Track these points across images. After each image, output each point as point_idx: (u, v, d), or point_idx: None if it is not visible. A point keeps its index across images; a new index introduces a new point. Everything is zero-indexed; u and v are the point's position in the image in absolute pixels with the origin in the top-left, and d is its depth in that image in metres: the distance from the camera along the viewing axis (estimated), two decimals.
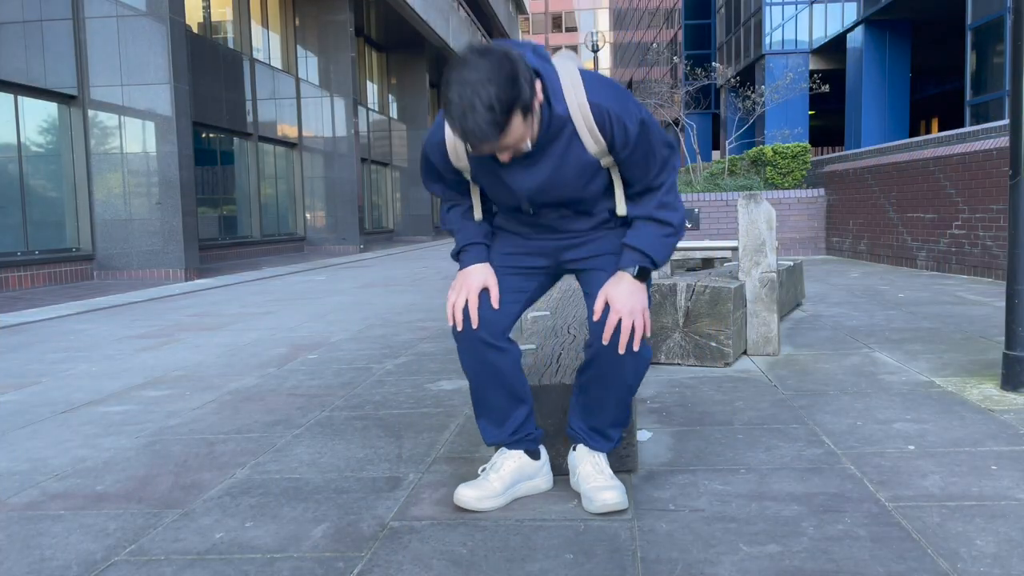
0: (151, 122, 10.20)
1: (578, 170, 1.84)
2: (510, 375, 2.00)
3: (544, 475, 2.12)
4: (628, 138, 1.79)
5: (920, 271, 8.46)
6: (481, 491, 1.99)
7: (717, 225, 11.08)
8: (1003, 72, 15.62)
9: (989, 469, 2.20)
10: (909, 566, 1.64)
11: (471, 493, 1.98)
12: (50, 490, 2.27)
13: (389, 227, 23.74)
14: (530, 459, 2.08)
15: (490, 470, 2.04)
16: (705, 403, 3.01)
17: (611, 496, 1.94)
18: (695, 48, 36.25)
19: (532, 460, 2.08)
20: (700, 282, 3.73)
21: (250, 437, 2.74)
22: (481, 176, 1.91)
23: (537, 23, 72.66)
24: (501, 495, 2.01)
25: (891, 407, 2.89)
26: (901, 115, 22.53)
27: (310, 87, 17.32)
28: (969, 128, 10.27)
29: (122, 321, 6.04)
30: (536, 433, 2.11)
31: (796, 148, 12.12)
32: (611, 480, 2.00)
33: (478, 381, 2.02)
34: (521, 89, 1.61)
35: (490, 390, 2.02)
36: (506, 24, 35.17)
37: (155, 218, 10.32)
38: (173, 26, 10.11)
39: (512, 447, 2.07)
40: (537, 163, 1.82)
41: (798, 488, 2.10)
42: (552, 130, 1.78)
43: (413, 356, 4.21)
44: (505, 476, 2.03)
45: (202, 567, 1.73)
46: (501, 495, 2.01)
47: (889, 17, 21.60)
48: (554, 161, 1.82)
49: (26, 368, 4.22)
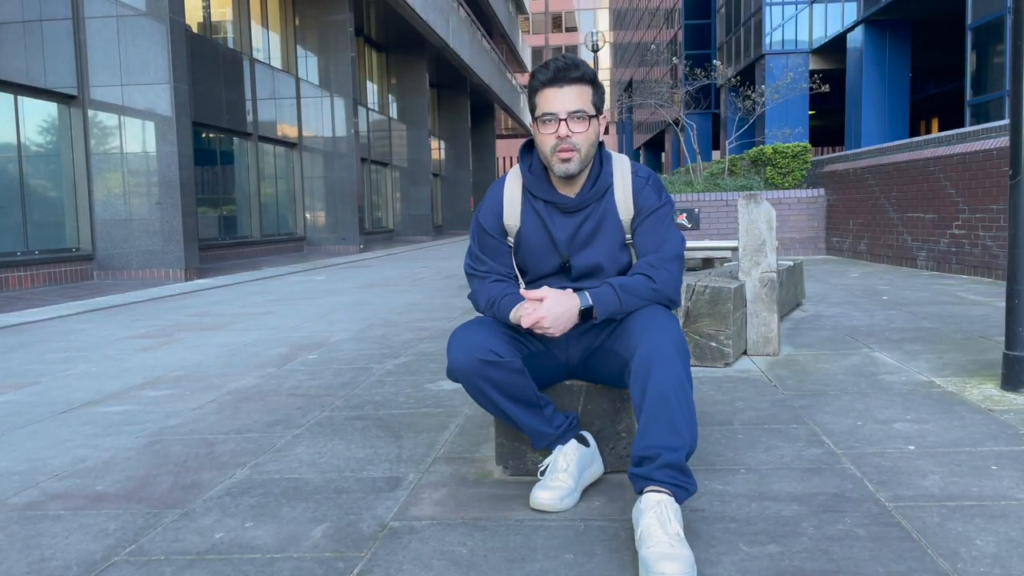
0: (151, 122, 10.19)
1: (611, 233, 2.07)
2: (517, 385, 1.98)
3: (598, 460, 2.14)
4: (653, 204, 2.06)
5: (920, 271, 8.46)
6: (556, 491, 1.97)
7: (717, 225, 11.08)
8: (1003, 72, 15.62)
9: (989, 469, 2.20)
10: (909, 566, 1.64)
11: (547, 495, 1.96)
12: (50, 490, 2.27)
13: (389, 227, 23.74)
14: (584, 446, 2.10)
15: (554, 469, 2.03)
16: (705, 403, 3.01)
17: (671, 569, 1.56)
18: (695, 48, 36.24)
19: (585, 447, 2.10)
20: (700, 282, 3.73)
21: (250, 437, 2.74)
22: (528, 231, 2.09)
23: (537, 23, 72.64)
24: (575, 490, 2.01)
25: (891, 407, 2.89)
26: (901, 115, 22.52)
27: (310, 87, 17.31)
28: (969, 128, 10.27)
29: (122, 321, 6.04)
30: (575, 417, 2.14)
31: (796, 148, 12.12)
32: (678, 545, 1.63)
33: (494, 406, 2.01)
34: (600, 83, 2.03)
35: (508, 404, 2.00)
36: (506, 24, 35.16)
37: (155, 218, 10.31)
38: (173, 26, 10.11)
39: (564, 441, 2.08)
40: (580, 217, 2.07)
41: (798, 488, 2.10)
42: (597, 187, 2.06)
43: (413, 356, 4.21)
44: (572, 469, 2.03)
45: (202, 567, 1.73)
46: (575, 490, 2.01)
47: (889, 17, 21.59)
48: (595, 218, 2.07)
49: (26, 368, 4.22)
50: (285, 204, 16.99)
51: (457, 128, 29.92)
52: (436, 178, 28.69)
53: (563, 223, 2.07)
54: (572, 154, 1.96)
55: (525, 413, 2.03)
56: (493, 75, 31.06)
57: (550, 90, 1.96)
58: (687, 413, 1.80)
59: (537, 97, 1.99)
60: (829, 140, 42.26)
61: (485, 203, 2.16)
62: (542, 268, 2.11)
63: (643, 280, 1.99)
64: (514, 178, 2.14)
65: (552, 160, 1.99)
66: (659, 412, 1.78)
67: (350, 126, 17.18)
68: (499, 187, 2.16)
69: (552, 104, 1.96)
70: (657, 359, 1.80)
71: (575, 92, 1.95)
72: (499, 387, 1.96)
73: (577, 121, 1.96)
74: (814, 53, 26.78)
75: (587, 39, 22.59)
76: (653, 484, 1.76)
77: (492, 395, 1.98)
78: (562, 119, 1.95)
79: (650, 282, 1.98)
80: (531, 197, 2.10)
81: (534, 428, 2.06)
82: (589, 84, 1.98)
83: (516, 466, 2.24)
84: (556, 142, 1.96)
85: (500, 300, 2.02)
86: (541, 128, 1.98)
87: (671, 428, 1.77)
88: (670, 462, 1.76)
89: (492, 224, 2.12)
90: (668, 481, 1.76)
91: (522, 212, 2.11)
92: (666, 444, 1.77)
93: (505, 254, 2.13)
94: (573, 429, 2.11)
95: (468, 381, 1.96)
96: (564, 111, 1.95)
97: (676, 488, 1.76)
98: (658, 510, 1.69)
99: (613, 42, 66.52)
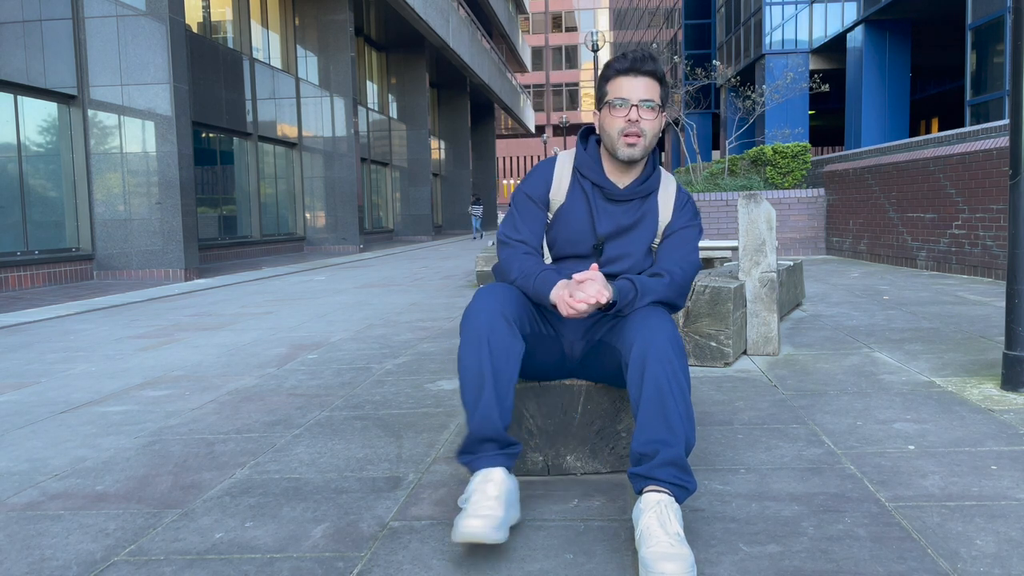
0: (151, 122, 10.19)
1: (646, 231, 2.14)
2: (511, 365, 1.88)
3: (518, 505, 1.88)
4: (688, 222, 2.15)
5: (920, 271, 8.46)
6: (488, 520, 1.70)
7: (717, 225, 11.08)
8: (1003, 72, 15.62)
9: (989, 469, 2.20)
10: (909, 566, 1.64)
11: (479, 523, 1.69)
12: (50, 490, 2.27)
13: (389, 227, 23.75)
14: (512, 480, 1.86)
15: (483, 496, 1.77)
16: (705, 403, 3.01)
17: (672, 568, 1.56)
18: (695, 48, 36.25)
19: (513, 482, 1.86)
20: (700, 282, 3.73)
21: (250, 437, 2.74)
22: (570, 208, 2.13)
23: (537, 23, 72.65)
24: (505, 524, 1.74)
25: (891, 407, 2.89)
26: (901, 115, 22.52)
27: (310, 87, 17.31)
28: (969, 128, 10.27)
29: (121, 321, 6.04)
30: (520, 448, 1.93)
31: (796, 148, 12.12)
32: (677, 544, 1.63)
33: (476, 369, 1.86)
34: (668, 82, 2.13)
35: (490, 376, 1.86)
36: (506, 24, 35.16)
37: (155, 218, 10.31)
38: (173, 26, 10.10)
39: (493, 463, 1.86)
40: (623, 209, 2.14)
41: (798, 488, 2.10)
42: (646, 186, 2.14)
43: (413, 356, 4.21)
44: (503, 498, 1.78)
45: (202, 567, 1.73)
46: (505, 524, 1.74)
47: (889, 17, 21.59)
48: (636, 214, 2.14)
49: (25, 368, 4.22)
50: (285, 204, 16.99)
51: (457, 128, 29.92)
52: (436, 178, 28.71)
53: (606, 209, 2.13)
54: (638, 140, 2.04)
55: (495, 394, 1.86)
56: (493, 75, 31.06)
57: (625, 78, 2.05)
58: (683, 408, 1.80)
59: (610, 84, 2.08)
60: (829, 140, 42.28)
61: (534, 174, 2.20)
62: (574, 248, 2.14)
63: (661, 284, 2.03)
64: (567, 156, 2.20)
65: (618, 143, 2.05)
66: (655, 407, 1.78)
67: (350, 126, 17.18)
68: (551, 162, 2.21)
69: (625, 90, 2.04)
70: (653, 355, 1.81)
71: (647, 83, 2.04)
72: (494, 354, 1.86)
73: (647, 109, 2.03)
74: (814, 53, 26.78)
75: (587, 39, 22.59)
76: (653, 483, 1.75)
77: (484, 357, 1.86)
78: (634, 104, 2.03)
79: (666, 289, 2.03)
80: (580, 177, 2.15)
81: (489, 415, 1.85)
82: (659, 81, 2.07)
83: (516, 466, 2.24)
84: (625, 125, 2.03)
85: (537, 275, 2.00)
86: (612, 112, 2.05)
87: (667, 423, 1.77)
88: (669, 459, 1.75)
89: (539, 193, 2.16)
90: (668, 480, 1.75)
91: (569, 190, 2.16)
92: (663, 439, 1.76)
93: (541, 226, 2.16)
94: (509, 455, 1.90)
95: (477, 333, 1.87)
96: (636, 98, 2.03)
97: (676, 487, 1.75)
98: (658, 510, 1.68)
99: (613, 42, 66.51)
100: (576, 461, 2.23)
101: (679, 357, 1.84)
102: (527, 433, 2.22)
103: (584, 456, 2.23)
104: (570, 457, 2.23)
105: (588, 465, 2.23)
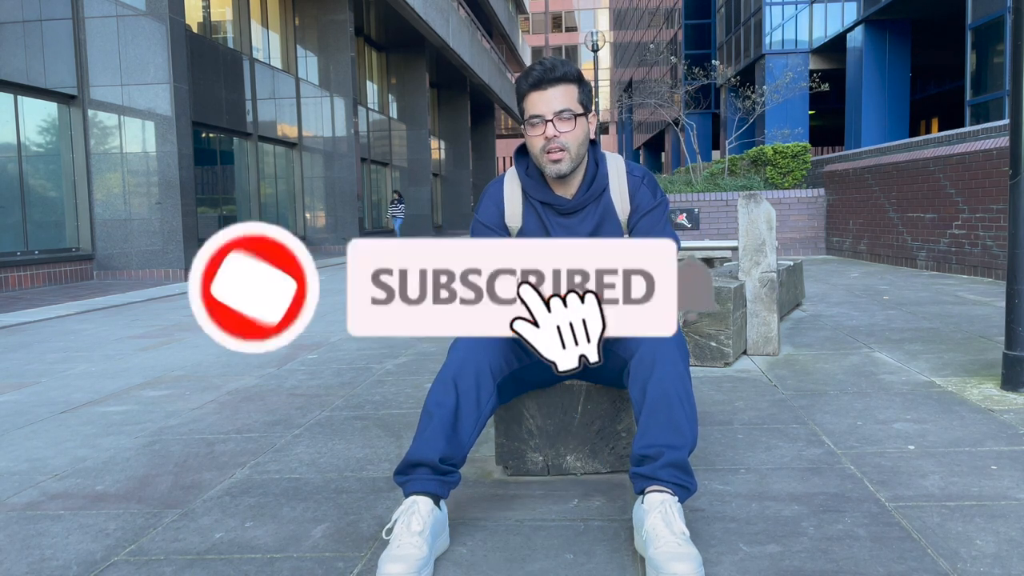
0: (151, 122, 10.20)
1: (610, 233, 2.08)
2: (478, 409, 1.84)
3: (447, 532, 1.81)
4: (649, 203, 2.10)
5: (920, 271, 8.46)
6: (410, 561, 1.60)
7: (717, 225, 11.08)
8: (1003, 72, 15.61)
9: (989, 469, 2.20)
10: (909, 566, 1.64)
11: (400, 567, 1.59)
12: (50, 490, 2.27)
13: (389, 227, 23.74)
14: (439, 510, 1.76)
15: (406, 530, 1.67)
16: (705, 403, 3.01)
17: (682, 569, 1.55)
18: (695, 48, 36.22)
19: (440, 512, 1.77)
20: None
21: (250, 437, 2.74)
22: (529, 231, 2.09)
23: (537, 23, 72.63)
24: (430, 560, 1.66)
25: (891, 407, 2.89)
26: (901, 115, 22.51)
27: (310, 87, 17.31)
28: (969, 128, 10.27)
29: (121, 321, 6.04)
30: (459, 479, 1.86)
31: (796, 148, 12.12)
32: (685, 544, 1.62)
33: (445, 401, 1.82)
34: (586, 80, 2.03)
35: (453, 405, 1.82)
36: (506, 24, 35.17)
37: (155, 218, 10.31)
38: (173, 26, 10.11)
39: (427, 488, 1.77)
40: (579, 219, 2.09)
41: (798, 488, 2.10)
42: (594, 188, 2.07)
43: (413, 356, 4.21)
44: (427, 533, 1.68)
45: (202, 567, 1.73)
46: (430, 560, 1.66)
47: (889, 17, 21.58)
48: (594, 219, 2.09)
49: (25, 368, 4.22)
50: (285, 204, 16.99)
51: (457, 128, 29.92)
52: (436, 178, 28.69)
53: (562, 224, 2.09)
54: (562, 154, 1.97)
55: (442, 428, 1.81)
56: (493, 75, 31.06)
57: (535, 93, 1.97)
58: (689, 411, 1.80)
59: (524, 102, 2.01)
60: (829, 140, 42.24)
61: (485, 202, 2.15)
62: None
63: None
64: (512, 179, 2.14)
65: (543, 161, 2.00)
66: (661, 410, 1.77)
67: (350, 126, 17.19)
68: (498, 186, 2.16)
69: (538, 106, 1.97)
70: (659, 358, 1.80)
71: (560, 92, 1.96)
72: (459, 396, 1.83)
73: (563, 120, 1.96)
74: (814, 53, 26.78)
75: (587, 39, 22.59)
76: (656, 484, 1.74)
77: (446, 398, 1.83)
78: (548, 120, 1.96)
79: None
80: (529, 198, 2.11)
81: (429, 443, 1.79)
82: (574, 83, 1.98)
83: (516, 466, 2.24)
84: (544, 143, 1.97)
85: None
86: (530, 131, 1.99)
87: (673, 426, 1.77)
88: (673, 461, 1.75)
89: (494, 221, 2.12)
90: (671, 480, 1.74)
91: (523, 213, 2.12)
92: (668, 442, 1.76)
93: None
94: (444, 483, 1.81)
95: (449, 372, 1.85)
96: (550, 112, 1.96)
97: (678, 488, 1.74)
98: (662, 510, 1.67)
99: (613, 42, 66.51)
100: (576, 461, 2.23)
101: (684, 360, 1.84)
102: (527, 433, 2.22)
103: (584, 456, 2.23)
104: (570, 457, 2.23)
105: (588, 465, 2.23)
